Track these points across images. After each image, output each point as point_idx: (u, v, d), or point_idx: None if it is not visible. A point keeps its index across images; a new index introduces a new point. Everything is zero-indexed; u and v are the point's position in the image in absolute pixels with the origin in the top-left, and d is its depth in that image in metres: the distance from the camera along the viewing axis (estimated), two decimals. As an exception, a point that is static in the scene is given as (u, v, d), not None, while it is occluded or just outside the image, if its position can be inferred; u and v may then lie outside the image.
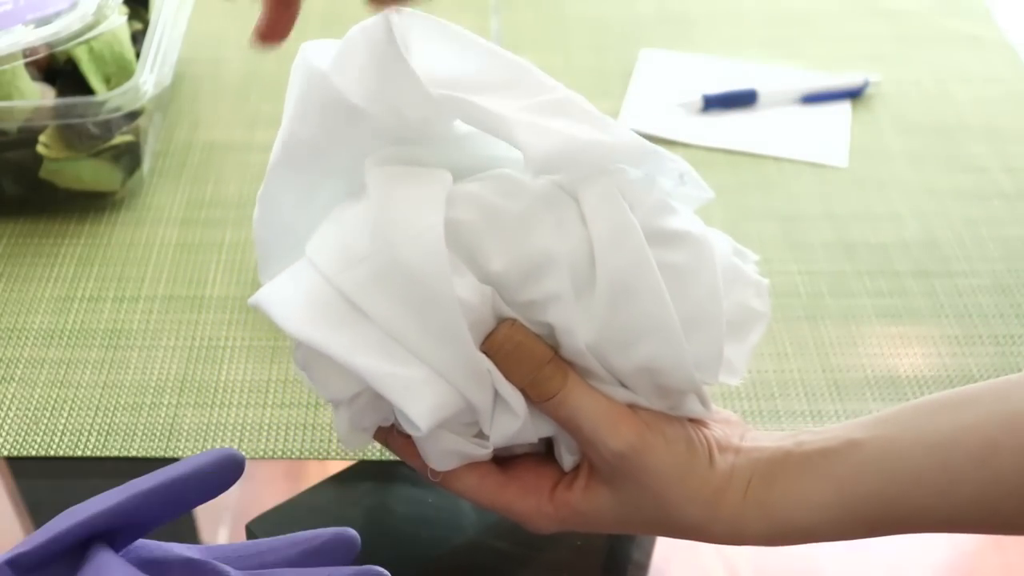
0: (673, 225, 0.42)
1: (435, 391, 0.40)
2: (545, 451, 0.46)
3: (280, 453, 0.57)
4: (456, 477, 0.44)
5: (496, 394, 0.42)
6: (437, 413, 0.40)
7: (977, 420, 0.41)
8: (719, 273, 0.42)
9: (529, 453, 0.46)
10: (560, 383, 0.41)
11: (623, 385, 0.43)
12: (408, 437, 0.43)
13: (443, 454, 0.43)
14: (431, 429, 0.40)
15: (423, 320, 0.40)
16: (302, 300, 0.41)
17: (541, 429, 0.43)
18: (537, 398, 0.42)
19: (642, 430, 0.42)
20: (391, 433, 0.45)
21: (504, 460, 0.45)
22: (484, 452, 0.43)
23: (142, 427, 0.58)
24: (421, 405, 0.40)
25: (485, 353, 0.41)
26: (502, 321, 0.41)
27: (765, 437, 0.45)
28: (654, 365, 0.41)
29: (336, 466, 0.56)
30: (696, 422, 0.44)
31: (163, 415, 0.59)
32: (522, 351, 0.41)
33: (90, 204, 0.72)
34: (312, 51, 0.42)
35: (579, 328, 0.41)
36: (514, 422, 0.42)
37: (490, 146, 0.44)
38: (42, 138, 0.66)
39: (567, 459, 0.44)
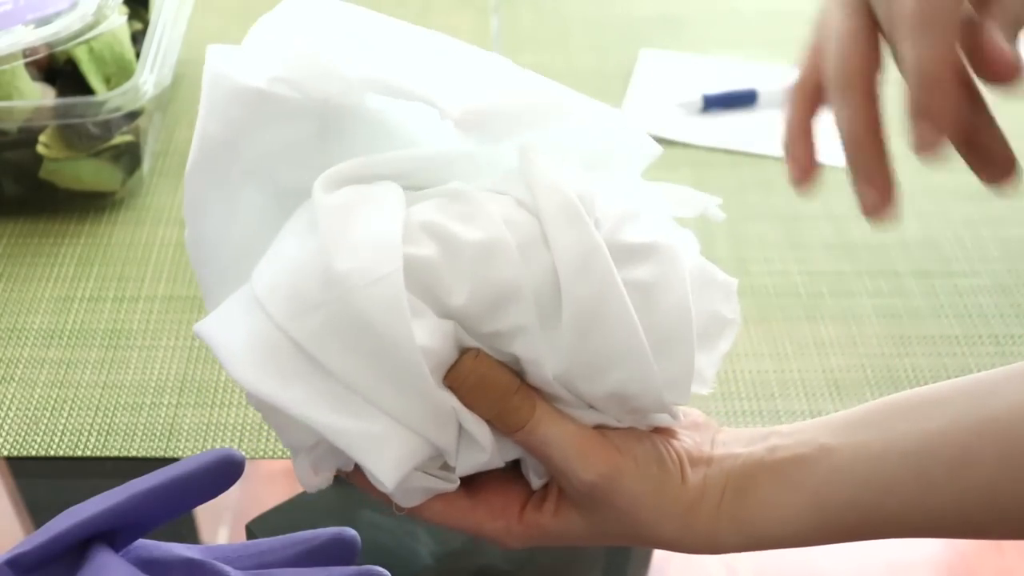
0: (639, 237, 0.40)
1: (399, 444, 0.38)
2: (511, 466, 0.44)
3: (280, 453, 0.57)
4: (423, 507, 0.43)
5: (461, 428, 0.40)
6: (403, 467, 0.38)
7: (950, 426, 0.40)
8: (688, 283, 0.41)
9: (495, 470, 0.44)
10: (528, 413, 0.40)
11: (590, 406, 0.41)
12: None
13: (408, 492, 0.41)
14: (399, 482, 0.39)
15: (384, 371, 0.38)
16: (253, 346, 0.38)
17: (507, 453, 0.42)
18: (505, 430, 0.40)
19: (613, 458, 0.41)
20: (354, 470, 0.43)
21: (470, 478, 0.43)
22: (450, 487, 0.42)
23: (142, 427, 0.58)
24: (386, 462, 0.38)
25: (448, 386, 0.39)
26: (465, 352, 0.39)
27: (736, 440, 0.44)
28: (624, 391, 0.40)
29: (336, 466, 0.56)
30: (665, 432, 0.43)
31: (163, 415, 0.59)
32: (487, 384, 0.39)
33: (90, 204, 0.72)
34: (217, 52, 0.41)
35: (546, 359, 0.39)
36: (481, 455, 0.41)
37: (425, 133, 0.42)
38: (42, 138, 0.66)
39: (535, 480, 0.43)
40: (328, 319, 0.37)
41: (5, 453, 0.57)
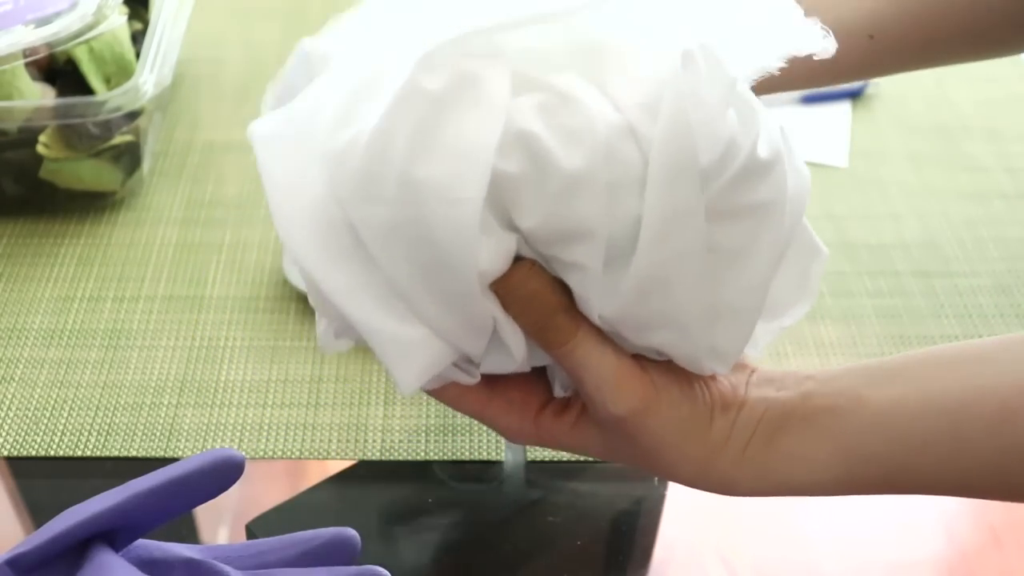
0: (753, 198, 0.37)
1: (428, 353, 0.37)
2: (536, 368, 0.43)
3: (280, 453, 0.57)
4: (438, 389, 0.42)
5: (495, 334, 0.39)
6: (425, 376, 0.38)
7: (990, 383, 0.39)
8: (777, 252, 0.38)
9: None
10: (570, 334, 0.38)
11: None
12: None
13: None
14: (416, 388, 0.38)
15: (436, 286, 0.36)
16: (309, 210, 0.37)
17: (536, 360, 0.41)
18: (544, 346, 0.39)
19: (647, 394, 0.40)
20: None
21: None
22: (470, 381, 0.41)
23: (142, 427, 0.58)
24: (411, 371, 0.37)
25: (495, 292, 0.37)
26: (519, 262, 0.37)
27: (770, 381, 0.43)
28: (666, 350, 0.39)
29: (336, 466, 0.56)
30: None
31: (163, 415, 0.59)
32: (535, 299, 0.38)
33: (90, 204, 0.72)
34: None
35: (597, 301, 0.37)
36: (510, 363, 0.40)
37: None
38: (42, 138, 0.66)
39: (559, 390, 0.42)
40: (393, 218, 0.36)
41: (5, 453, 0.57)
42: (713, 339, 0.39)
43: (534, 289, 0.38)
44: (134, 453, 0.57)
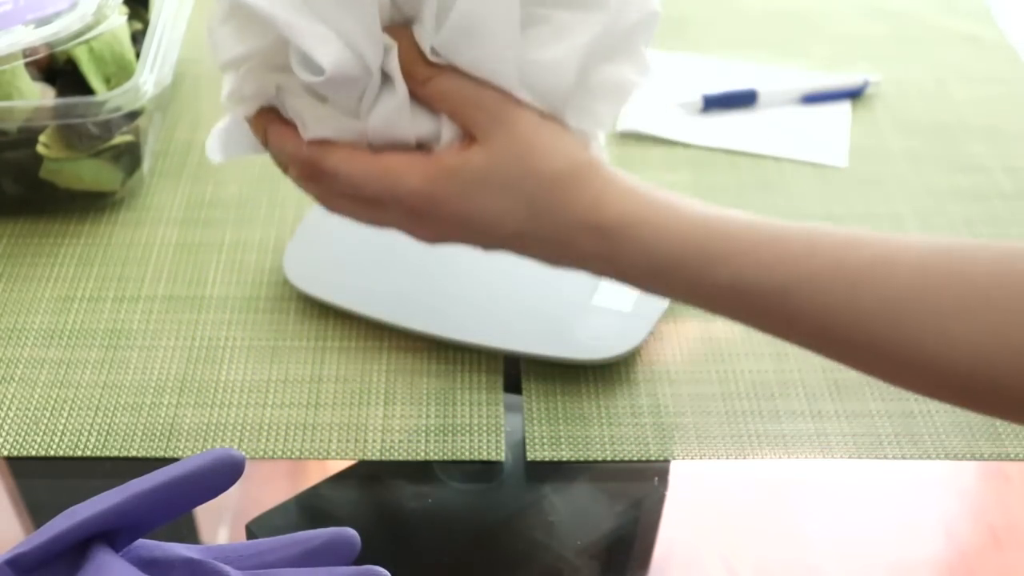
0: None
1: (339, 45, 0.45)
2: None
3: (280, 453, 0.57)
4: (329, 151, 0.48)
5: (383, 77, 0.47)
6: (339, 61, 0.45)
7: (847, 230, 0.45)
8: (595, 43, 0.46)
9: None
10: (434, 70, 0.46)
11: None
12: (288, 124, 0.49)
13: (320, 121, 0.48)
14: (333, 74, 0.45)
15: None
16: None
17: (420, 125, 0.47)
18: (417, 84, 0.46)
19: (520, 98, 0.46)
20: (272, 120, 0.50)
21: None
22: (359, 125, 0.47)
23: (142, 427, 0.58)
24: (328, 51, 0.45)
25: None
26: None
27: None
28: (484, 76, 0.46)
29: (336, 466, 0.56)
30: None
31: (163, 415, 0.59)
32: (406, 38, 0.46)
33: (90, 204, 0.72)
34: None
35: (426, 25, 0.46)
36: (394, 99, 0.46)
37: None
38: (42, 138, 0.66)
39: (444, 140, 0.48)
40: None
41: (5, 453, 0.57)
42: (531, 81, 0.47)
43: (405, 32, 0.46)
44: (134, 453, 0.57)
